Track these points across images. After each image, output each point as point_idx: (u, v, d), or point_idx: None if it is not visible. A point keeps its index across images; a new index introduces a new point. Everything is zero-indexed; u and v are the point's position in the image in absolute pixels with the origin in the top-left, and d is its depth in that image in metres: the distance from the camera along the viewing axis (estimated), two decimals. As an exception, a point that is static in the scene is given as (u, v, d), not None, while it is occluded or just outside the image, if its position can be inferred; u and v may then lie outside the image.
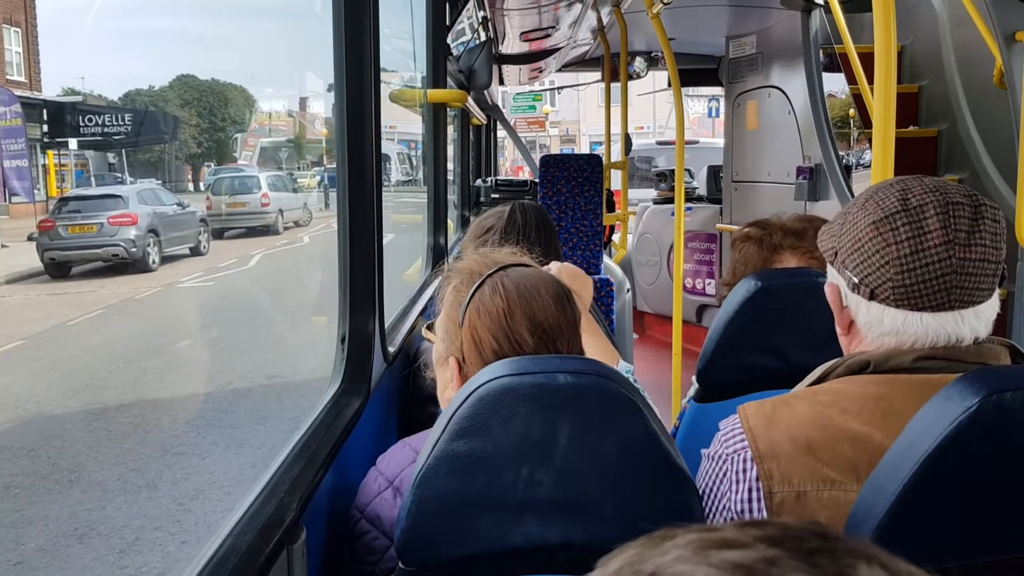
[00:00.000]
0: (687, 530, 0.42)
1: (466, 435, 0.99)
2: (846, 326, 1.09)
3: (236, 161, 22.41)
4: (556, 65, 7.04)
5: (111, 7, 18.93)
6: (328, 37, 1.53)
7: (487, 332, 1.21)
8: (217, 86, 22.66)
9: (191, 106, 21.43)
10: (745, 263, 1.81)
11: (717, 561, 0.38)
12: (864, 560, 0.39)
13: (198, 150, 21.96)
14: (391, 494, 1.26)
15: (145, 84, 20.24)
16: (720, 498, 1.07)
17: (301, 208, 17.73)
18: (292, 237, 16.31)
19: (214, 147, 22.44)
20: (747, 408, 1.07)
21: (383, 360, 1.76)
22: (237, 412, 6.29)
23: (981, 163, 3.96)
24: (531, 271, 1.28)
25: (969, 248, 0.97)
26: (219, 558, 1.02)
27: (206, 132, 22.03)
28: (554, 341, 1.22)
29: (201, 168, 21.46)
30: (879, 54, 1.57)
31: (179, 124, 19.49)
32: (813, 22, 4.43)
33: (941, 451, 0.84)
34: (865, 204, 1.03)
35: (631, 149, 5.46)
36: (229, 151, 22.84)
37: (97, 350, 8.10)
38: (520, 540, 1.01)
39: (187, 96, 21.65)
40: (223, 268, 12.68)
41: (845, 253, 1.04)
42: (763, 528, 0.41)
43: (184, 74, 21.93)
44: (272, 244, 15.19)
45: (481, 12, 4.26)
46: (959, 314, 0.99)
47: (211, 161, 21.84)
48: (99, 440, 5.72)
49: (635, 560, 0.41)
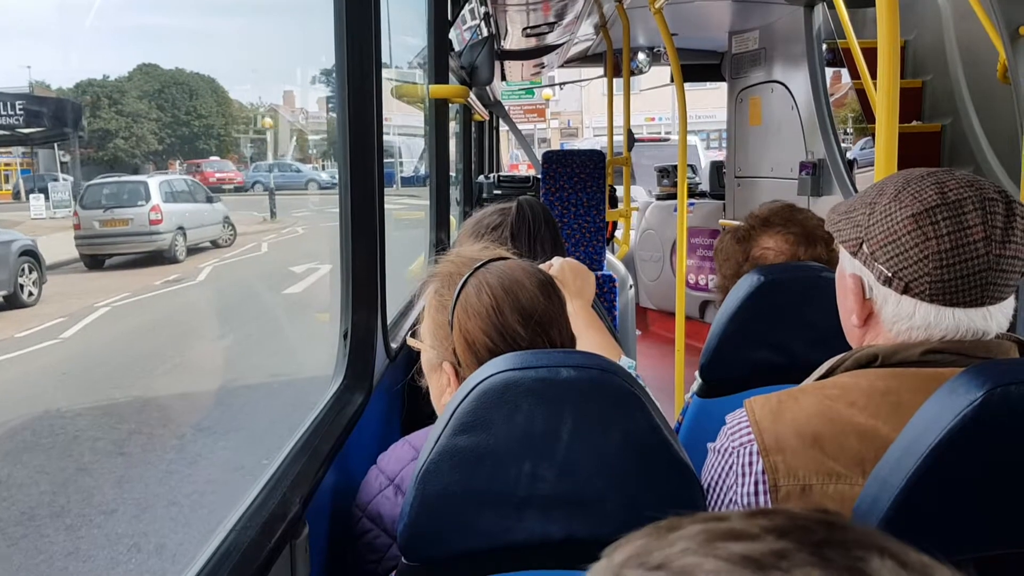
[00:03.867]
0: (693, 520, 0.41)
1: (468, 430, 0.99)
2: (864, 318, 1.07)
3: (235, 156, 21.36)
4: (558, 61, 7.03)
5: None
6: (317, 34, 1.52)
7: (479, 331, 1.21)
8: (182, 76, 21.07)
9: (151, 98, 19.78)
10: (727, 257, 1.84)
11: (725, 554, 0.38)
12: (876, 552, 0.38)
13: (159, 146, 20.10)
14: (392, 492, 1.26)
15: (99, 74, 18.62)
16: (726, 491, 1.07)
17: (219, 224, 13.35)
18: (190, 269, 11.43)
19: (178, 143, 20.78)
20: (754, 402, 1.07)
21: (385, 356, 1.76)
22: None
23: (985, 158, 3.96)
24: (510, 263, 1.27)
25: (1005, 245, 0.96)
26: (222, 553, 1.02)
27: (168, 127, 20.28)
28: (547, 330, 1.21)
29: (166, 166, 19.97)
30: (882, 49, 1.56)
31: (80, 113, 15.81)
32: (816, 17, 4.42)
33: (946, 444, 0.84)
34: (898, 196, 1.00)
35: (634, 145, 5.45)
36: (196, 146, 21.33)
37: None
38: (523, 535, 1.01)
39: (148, 87, 19.96)
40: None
41: (876, 245, 1.01)
42: (771, 518, 0.40)
43: (146, 63, 20.30)
44: (148, 283, 10.32)
45: (483, 8, 4.25)
46: (988, 310, 0.99)
47: (176, 157, 20.50)
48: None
49: (642, 551, 0.40)
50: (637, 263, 6.90)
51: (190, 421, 5.77)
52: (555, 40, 5.70)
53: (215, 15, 28.47)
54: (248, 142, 24.37)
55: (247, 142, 24.30)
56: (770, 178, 4.98)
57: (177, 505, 4.41)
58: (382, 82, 1.60)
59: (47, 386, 6.43)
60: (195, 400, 6.30)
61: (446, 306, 1.24)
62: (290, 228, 17.05)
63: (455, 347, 1.23)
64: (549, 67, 7.49)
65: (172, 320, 9.15)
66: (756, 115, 5.14)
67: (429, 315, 1.29)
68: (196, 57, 22.35)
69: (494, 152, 8.14)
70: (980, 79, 4.00)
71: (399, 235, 3.37)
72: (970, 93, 4.11)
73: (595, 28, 5.71)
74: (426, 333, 1.30)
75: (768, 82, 4.96)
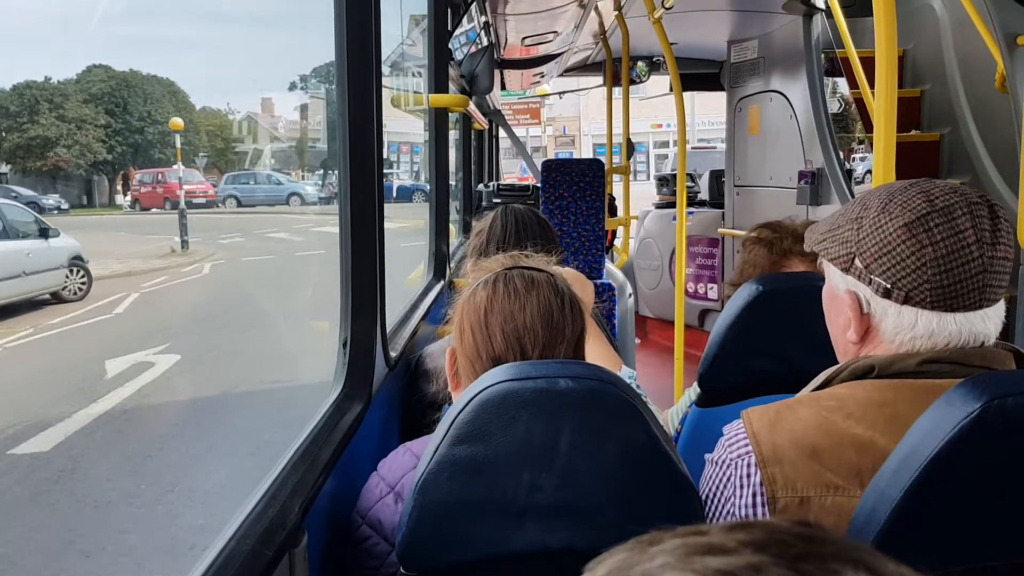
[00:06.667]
0: (674, 534, 0.41)
1: (468, 440, 0.99)
2: (862, 333, 1.06)
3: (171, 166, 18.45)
4: (558, 70, 7.05)
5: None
6: (295, 43, 1.52)
7: (468, 324, 1.24)
8: (136, 79, 18.94)
9: (98, 102, 17.72)
10: (754, 265, 1.81)
11: (701, 568, 0.38)
12: (851, 565, 0.38)
13: (108, 156, 17.87)
14: (392, 499, 1.26)
15: (40, 75, 16.66)
16: (724, 503, 1.06)
17: (61, 269, 9.25)
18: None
19: (130, 151, 18.66)
20: (751, 413, 1.07)
21: (385, 365, 1.76)
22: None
23: (983, 166, 3.96)
24: (538, 276, 1.27)
25: (995, 247, 0.97)
26: (222, 561, 1.02)
27: (119, 133, 18.06)
28: (522, 345, 1.21)
29: (118, 176, 18.08)
30: (880, 58, 1.57)
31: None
32: (814, 27, 4.44)
33: (943, 456, 0.84)
34: (886, 208, 1.00)
35: (633, 153, 5.47)
36: (151, 155, 19.24)
37: None
38: (521, 545, 1.01)
39: (96, 90, 17.97)
40: None
41: (870, 258, 1.01)
42: (750, 531, 0.40)
43: (96, 64, 18.26)
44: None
45: (483, 17, 4.27)
46: (985, 313, 1.00)
47: (128, 167, 18.56)
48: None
49: (623, 565, 0.41)
50: (636, 271, 6.90)
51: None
52: (555, 49, 5.72)
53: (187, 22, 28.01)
54: (217, 152, 22.70)
55: (217, 152, 22.64)
56: (769, 187, 4.99)
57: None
58: (382, 92, 1.61)
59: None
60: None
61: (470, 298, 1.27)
62: (195, 265, 12.84)
63: (456, 332, 1.27)
64: (549, 76, 7.51)
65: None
66: (755, 124, 5.15)
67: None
68: (157, 60, 20.66)
69: (494, 161, 8.16)
70: (978, 88, 4.01)
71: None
72: (968, 102, 4.12)
73: (594, 37, 5.72)
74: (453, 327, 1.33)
75: (767, 91, 4.98)
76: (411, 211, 13.85)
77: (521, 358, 1.20)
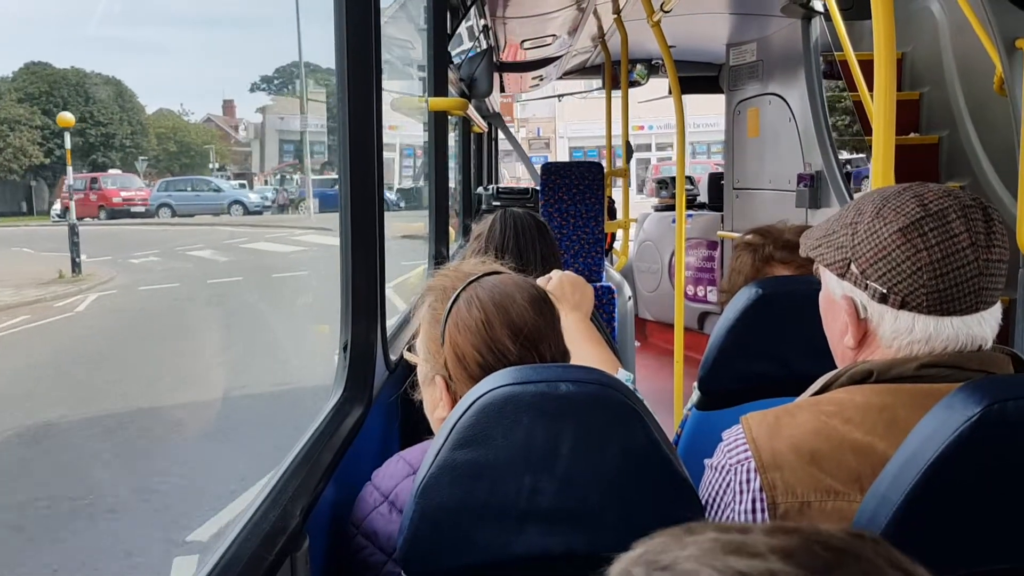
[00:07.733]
0: (716, 527, 0.42)
1: (468, 444, 0.99)
2: (859, 339, 1.06)
3: (106, 170, 17.02)
4: (557, 73, 7.05)
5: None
6: (264, 46, 1.51)
7: (469, 346, 1.21)
8: (77, 76, 17.82)
9: (34, 101, 16.56)
10: (740, 272, 1.83)
11: (721, 566, 0.38)
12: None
13: (45, 159, 16.59)
14: (387, 509, 1.26)
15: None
16: (724, 508, 1.06)
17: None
18: None
19: (71, 153, 16.11)
20: (750, 418, 1.07)
21: (385, 368, 1.77)
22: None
23: (982, 170, 3.97)
24: (503, 278, 1.27)
25: (990, 250, 0.97)
26: (224, 565, 1.02)
27: (57, 136, 16.44)
28: (536, 345, 1.22)
29: (58, 181, 16.20)
30: (879, 61, 1.58)
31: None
32: (813, 30, 4.44)
33: (943, 461, 0.84)
34: (880, 213, 1.00)
35: (632, 156, 5.47)
36: (94, 159, 17.81)
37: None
38: (522, 549, 1.01)
39: (32, 89, 16.83)
40: None
41: (865, 263, 1.01)
42: (788, 536, 0.40)
43: (35, 61, 17.27)
44: None
45: (482, 20, 4.27)
46: (981, 316, 1.00)
47: (64, 173, 16.20)
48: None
49: (659, 548, 0.42)
50: (636, 274, 6.90)
51: None
52: (554, 52, 5.72)
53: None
54: (169, 156, 21.00)
55: (169, 156, 20.90)
56: (768, 190, 4.99)
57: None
58: (382, 95, 1.61)
59: None
60: None
61: (439, 320, 1.25)
62: (74, 299, 10.54)
63: (446, 361, 1.23)
64: (548, 79, 7.52)
65: None
66: (754, 127, 5.16)
67: (424, 329, 1.30)
68: (107, 61, 19.87)
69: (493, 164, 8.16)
70: (977, 91, 4.02)
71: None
72: (967, 105, 4.13)
73: (593, 40, 5.73)
74: (420, 347, 1.31)
75: (765, 94, 4.98)
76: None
77: (536, 353, 1.21)
